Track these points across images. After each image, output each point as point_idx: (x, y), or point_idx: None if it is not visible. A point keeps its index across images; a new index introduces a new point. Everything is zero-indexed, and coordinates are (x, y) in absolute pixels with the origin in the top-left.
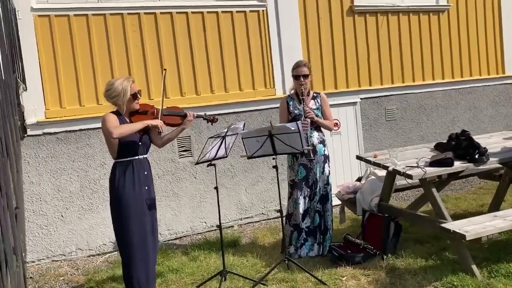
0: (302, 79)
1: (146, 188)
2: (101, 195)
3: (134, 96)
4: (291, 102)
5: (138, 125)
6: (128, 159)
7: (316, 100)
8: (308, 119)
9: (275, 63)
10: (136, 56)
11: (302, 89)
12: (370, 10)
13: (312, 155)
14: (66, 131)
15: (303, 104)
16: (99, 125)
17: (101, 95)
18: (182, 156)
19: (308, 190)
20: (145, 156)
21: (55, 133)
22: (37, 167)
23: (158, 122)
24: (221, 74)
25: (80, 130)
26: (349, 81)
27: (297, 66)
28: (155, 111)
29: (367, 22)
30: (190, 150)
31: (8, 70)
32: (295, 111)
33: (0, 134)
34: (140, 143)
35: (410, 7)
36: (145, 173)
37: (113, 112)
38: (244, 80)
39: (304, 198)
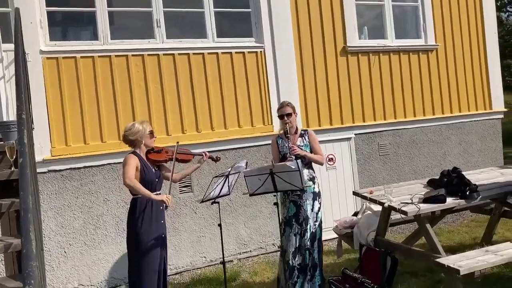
0: (286, 118)
1: (162, 222)
2: (103, 231)
3: (151, 134)
4: (280, 142)
5: (146, 193)
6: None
7: (303, 138)
8: (293, 156)
9: (272, 101)
10: (139, 95)
11: (287, 128)
12: (362, 50)
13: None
14: (71, 169)
15: (288, 142)
16: (103, 162)
17: (106, 133)
18: (182, 191)
19: (299, 227)
20: (159, 192)
21: (60, 170)
22: (42, 204)
23: (164, 197)
24: (221, 112)
25: (85, 167)
26: (343, 118)
27: (280, 106)
28: (169, 151)
29: (359, 61)
30: (191, 185)
31: (30, 114)
32: (284, 150)
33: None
34: (157, 180)
35: (400, 47)
36: (161, 207)
37: (134, 154)
38: (243, 117)
39: (295, 235)
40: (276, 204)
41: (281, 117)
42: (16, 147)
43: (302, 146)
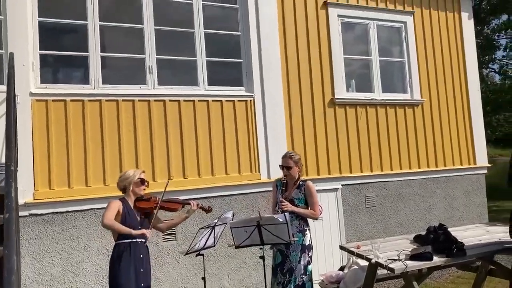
0: (285, 169)
1: (142, 270)
2: (82, 279)
3: (142, 181)
4: (279, 186)
5: (125, 230)
6: (127, 241)
7: (300, 189)
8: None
9: (260, 149)
10: (127, 140)
11: (284, 180)
12: (350, 103)
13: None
14: (53, 213)
15: (282, 194)
16: (87, 207)
17: (91, 177)
18: (166, 239)
19: (282, 277)
20: (143, 240)
21: (42, 214)
22: (20, 249)
23: (144, 231)
24: (209, 159)
25: (67, 212)
26: (330, 168)
27: (283, 156)
28: (157, 198)
29: (347, 113)
30: (174, 233)
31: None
32: (278, 198)
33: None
34: (140, 227)
35: (386, 101)
36: (141, 256)
37: (120, 199)
38: (230, 164)
39: (278, 284)
40: (262, 257)
41: (281, 167)
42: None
43: (296, 198)
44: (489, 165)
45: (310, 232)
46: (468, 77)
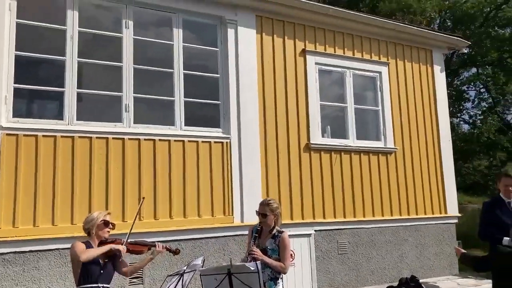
0: (261, 216)
1: None
2: None
3: (106, 224)
4: (253, 233)
5: (103, 248)
6: (88, 285)
7: (275, 239)
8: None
9: (235, 192)
10: (99, 179)
11: (258, 226)
12: (325, 148)
13: None
14: (15, 252)
15: (254, 242)
16: (52, 246)
17: (58, 216)
18: (132, 283)
19: None
20: (106, 285)
21: (3, 253)
22: None
23: (120, 247)
24: (182, 200)
25: (30, 251)
26: (304, 213)
27: (261, 203)
28: (122, 241)
29: (322, 159)
30: (142, 277)
31: None
32: (251, 244)
33: None
34: (102, 271)
35: (360, 148)
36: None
37: (84, 242)
38: (203, 206)
39: None
40: None
41: (257, 213)
42: None
43: (270, 249)
44: (459, 215)
45: (282, 280)
46: (440, 127)
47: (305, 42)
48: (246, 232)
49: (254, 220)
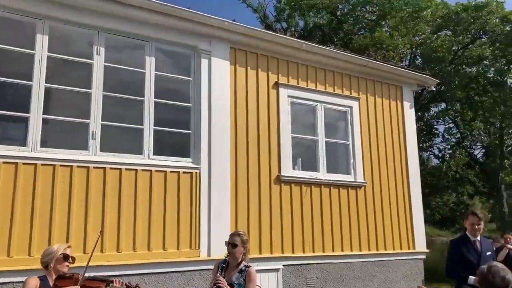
0: (230, 246)
1: None
2: None
3: (65, 257)
4: (220, 266)
5: None
6: None
7: (241, 274)
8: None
9: (202, 225)
10: (60, 208)
11: (227, 257)
12: (295, 181)
13: None
14: None
15: (221, 273)
16: (7, 279)
17: (14, 246)
18: None
19: None
20: None
21: None
22: None
23: None
24: (147, 232)
25: None
26: (273, 247)
27: (232, 234)
28: (80, 276)
29: (292, 191)
30: None
31: None
32: (217, 276)
33: None
34: None
35: (330, 181)
36: None
37: (38, 277)
38: (169, 239)
39: None
40: None
41: (227, 243)
42: None
43: (237, 283)
44: (427, 251)
45: None
46: (409, 162)
47: (278, 75)
48: (212, 267)
49: (221, 254)
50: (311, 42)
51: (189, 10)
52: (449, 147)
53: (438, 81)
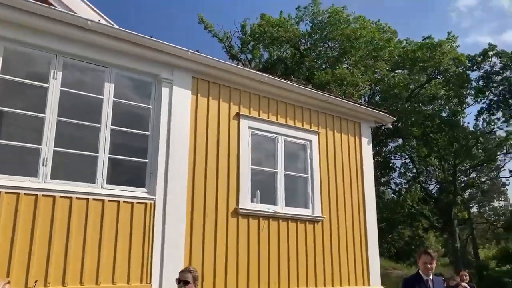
0: (181, 284)
1: None
2: None
3: None
4: None
5: None
6: None
7: None
8: None
9: (155, 258)
10: (3, 239)
11: None
12: (253, 214)
13: None
14: None
15: None
16: None
17: None
18: None
19: None
20: None
21: None
22: None
23: None
24: (95, 265)
25: None
26: (227, 283)
27: (182, 271)
28: None
29: (249, 224)
30: None
31: None
32: None
33: None
34: None
35: (288, 215)
36: None
37: None
38: (119, 272)
39: None
40: None
41: (177, 281)
42: None
43: None
44: (381, 287)
45: None
46: (366, 197)
47: (240, 106)
48: None
49: None
50: (274, 74)
51: (151, 38)
52: (405, 181)
53: (395, 119)
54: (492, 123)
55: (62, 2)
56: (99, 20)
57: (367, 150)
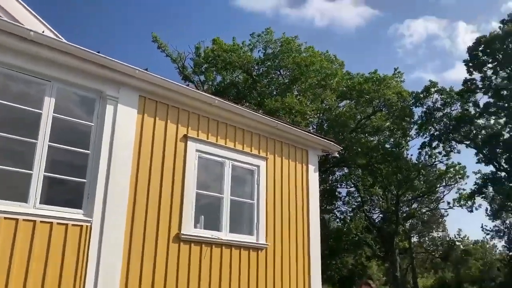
0: None
1: None
2: None
3: None
4: None
5: None
6: None
7: None
8: None
9: (88, 285)
10: None
11: None
12: (196, 240)
13: None
14: None
15: None
16: None
17: None
18: None
19: None
20: None
21: None
22: None
23: None
24: None
25: None
26: None
27: None
28: None
29: (191, 251)
30: None
31: None
32: None
33: None
34: None
35: (232, 242)
36: None
37: None
38: None
39: None
40: None
41: None
42: None
43: None
44: None
45: None
46: (310, 225)
47: (188, 128)
48: None
49: None
50: (225, 98)
51: (98, 53)
52: (350, 209)
53: (341, 148)
54: (434, 157)
55: (7, 12)
56: (43, 32)
57: (314, 178)
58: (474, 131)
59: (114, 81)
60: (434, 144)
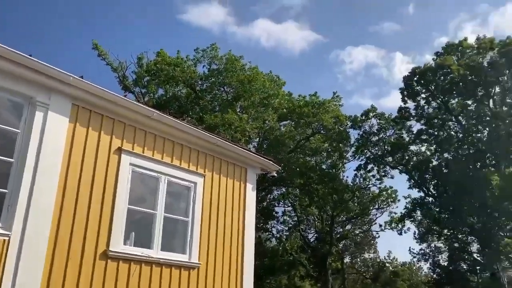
0: None
1: None
2: None
3: None
4: None
5: None
6: None
7: None
8: None
9: None
10: None
11: None
12: (125, 258)
13: None
14: None
15: None
16: None
17: None
18: None
19: None
20: None
21: None
22: None
23: None
24: None
25: None
26: None
27: None
28: None
29: (119, 269)
30: None
31: None
32: None
33: None
34: None
35: (162, 260)
36: None
37: None
38: None
39: None
40: None
41: None
42: None
43: None
44: None
45: None
46: (245, 244)
47: (122, 140)
48: None
49: None
50: (166, 111)
51: (29, 57)
52: (286, 228)
53: (280, 167)
54: (368, 180)
55: None
56: None
57: (251, 196)
58: (407, 157)
59: (46, 87)
60: (369, 167)
